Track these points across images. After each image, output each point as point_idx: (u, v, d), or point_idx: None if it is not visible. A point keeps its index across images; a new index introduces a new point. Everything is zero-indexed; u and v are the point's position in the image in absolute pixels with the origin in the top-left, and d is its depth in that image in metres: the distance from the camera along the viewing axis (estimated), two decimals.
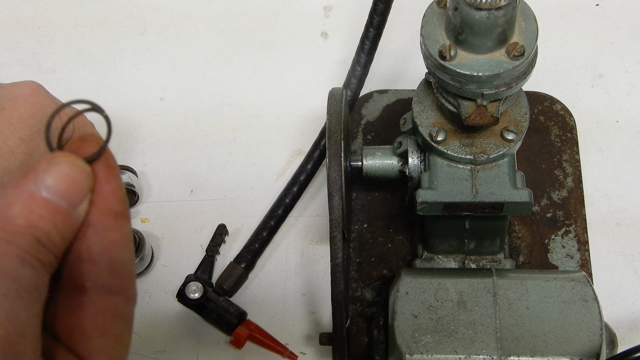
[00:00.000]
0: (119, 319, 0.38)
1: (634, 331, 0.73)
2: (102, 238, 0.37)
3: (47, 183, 0.35)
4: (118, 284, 0.37)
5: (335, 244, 0.64)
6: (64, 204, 0.35)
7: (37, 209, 0.34)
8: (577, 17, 0.91)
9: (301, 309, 0.76)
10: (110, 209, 0.37)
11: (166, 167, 0.83)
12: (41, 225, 0.34)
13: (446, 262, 0.71)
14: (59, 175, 0.35)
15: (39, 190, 0.35)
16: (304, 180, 0.79)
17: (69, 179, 0.35)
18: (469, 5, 0.54)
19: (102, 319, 0.37)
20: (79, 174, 0.36)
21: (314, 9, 0.93)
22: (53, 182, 0.35)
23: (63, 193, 0.35)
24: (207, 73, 0.89)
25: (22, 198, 0.35)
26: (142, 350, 0.74)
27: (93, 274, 0.37)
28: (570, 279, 0.64)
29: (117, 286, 0.37)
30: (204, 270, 0.76)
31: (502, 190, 0.63)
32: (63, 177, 0.35)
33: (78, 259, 0.37)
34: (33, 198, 0.35)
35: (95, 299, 0.37)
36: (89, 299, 0.37)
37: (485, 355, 0.60)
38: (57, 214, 0.35)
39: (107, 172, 0.37)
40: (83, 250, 0.37)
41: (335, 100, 0.67)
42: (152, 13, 0.93)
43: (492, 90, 0.59)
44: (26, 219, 0.34)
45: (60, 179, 0.35)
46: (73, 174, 0.35)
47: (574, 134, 0.82)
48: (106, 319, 0.37)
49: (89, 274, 0.37)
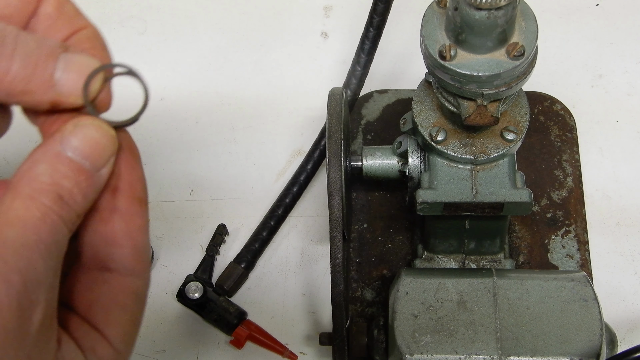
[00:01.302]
0: (137, 298, 0.40)
1: (634, 331, 0.73)
2: (128, 223, 0.39)
3: (73, 144, 0.37)
4: (140, 266, 0.40)
5: (335, 244, 0.64)
6: (87, 164, 0.37)
7: (61, 167, 0.36)
8: (577, 17, 0.91)
9: (301, 309, 0.76)
10: (135, 195, 0.39)
11: (166, 167, 0.83)
12: (64, 184, 0.36)
13: (446, 262, 0.71)
14: (84, 137, 0.37)
15: (65, 151, 0.37)
16: (304, 180, 0.79)
17: (93, 142, 0.37)
18: (469, 5, 0.54)
19: (123, 296, 0.39)
20: (104, 138, 0.38)
21: (314, 9, 0.93)
22: (78, 143, 0.37)
23: (87, 154, 0.37)
24: (207, 73, 0.89)
25: (47, 157, 0.37)
26: (142, 350, 0.74)
27: (117, 256, 0.39)
28: (570, 279, 0.64)
29: (138, 269, 0.39)
30: (204, 270, 0.76)
31: (502, 190, 0.63)
32: (88, 139, 0.37)
33: (104, 241, 0.39)
34: (58, 157, 0.37)
35: (119, 278, 0.39)
36: (113, 277, 0.39)
37: (485, 355, 0.60)
38: (81, 174, 0.37)
39: (133, 160, 0.40)
40: (109, 233, 0.39)
41: (335, 100, 0.67)
42: (152, 13, 0.93)
43: (492, 90, 0.59)
44: (50, 176, 0.36)
45: (85, 141, 0.37)
46: (98, 137, 0.38)
47: (574, 134, 0.82)
48: (127, 296, 0.39)
49: (113, 256, 0.39)
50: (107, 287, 0.39)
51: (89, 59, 0.40)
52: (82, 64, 0.39)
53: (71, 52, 0.39)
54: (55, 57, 0.38)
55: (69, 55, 0.39)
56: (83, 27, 0.42)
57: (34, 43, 0.38)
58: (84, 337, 0.38)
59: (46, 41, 0.38)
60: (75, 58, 0.39)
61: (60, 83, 0.38)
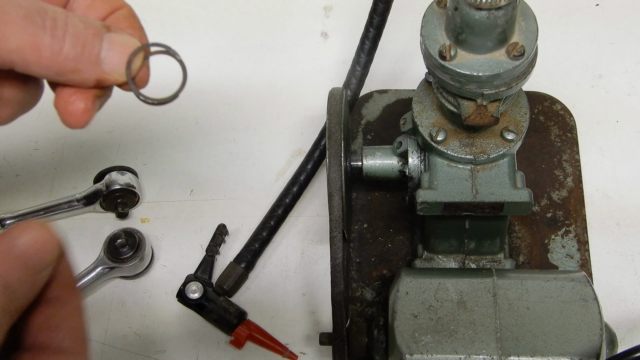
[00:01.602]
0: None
1: (634, 331, 0.73)
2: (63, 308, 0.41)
3: (20, 242, 0.38)
4: (78, 346, 0.41)
5: (335, 244, 0.64)
6: (32, 264, 0.38)
7: (8, 262, 0.38)
8: (577, 17, 0.91)
9: (301, 309, 0.76)
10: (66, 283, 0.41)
11: (166, 167, 0.83)
12: (10, 278, 0.37)
13: (446, 262, 0.71)
14: (32, 237, 0.39)
15: (12, 248, 0.38)
16: (304, 180, 0.79)
17: (40, 243, 0.39)
18: (469, 5, 0.54)
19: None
20: (49, 241, 0.39)
21: (314, 9, 0.93)
22: (25, 242, 0.38)
23: (33, 255, 0.38)
24: (207, 73, 0.89)
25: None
26: (142, 350, 0.74)
27: (56, 338, 0.40)
28: (570, 279, 0.64)
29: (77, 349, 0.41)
30: (204, 270, 0.76)
31: (502, 190, 0.63)
32: (35, 240, 0.39)
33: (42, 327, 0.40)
34: (7, 253, 0.38)
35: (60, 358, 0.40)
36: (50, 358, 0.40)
37: (485, 355, 0.60)
38: (26, 272, 0.38)
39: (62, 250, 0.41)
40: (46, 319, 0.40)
41: (335, 100, 0.67)
42: (152, 13, 0.93)
43: (492, 90, 0.59)
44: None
45: (32, 241, 0.39)
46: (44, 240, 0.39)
47: (574, 134, 0.82)
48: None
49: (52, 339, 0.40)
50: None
51: (130, 38, 0.42)
52: (125, 43, 0.41)
53: (114, 32, 0.41)
54: (101, 36, 0.40)
55: (112, 35, 0.41)
56: (120, 7, 0.44)
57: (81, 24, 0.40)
58: None
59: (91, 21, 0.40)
60: (118, 37, 0.41)
61: (105, 61, 0.41)
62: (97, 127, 0.85)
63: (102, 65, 0.41)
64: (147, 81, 0.44)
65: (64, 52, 0.39)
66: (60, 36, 0.39)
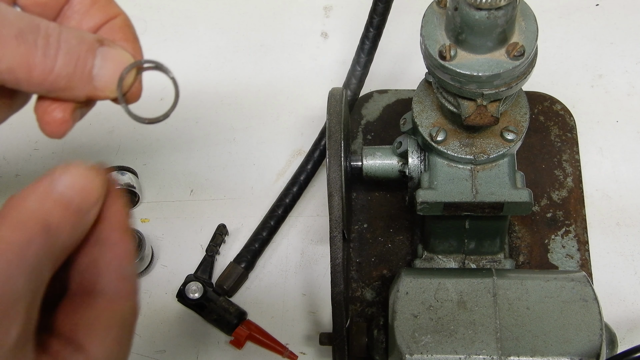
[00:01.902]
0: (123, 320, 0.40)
1: (634, 331, 0.73)
2: (111, 251, 0.40)
3: (62, 183, 0.38)
4: (125, 289, 0.40)
5: (335, 244, 0.64)
6: (75, 205, 0.38)
7: (50, 203, 0.37)
8: (577, 17, 0.91)
9: (301, 309, 0.76)
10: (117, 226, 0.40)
11: (166, 167, 0.83)
12: (51, 219, 0.37)
13: (446, 262, 0.71)
14: (73, 178, 0.38)
15: (53, 189, 0.37)
16: (304, 180, 0.79)
17: (82, 184, 0.38)
18: (469, 5, 0.54)
19: (107, 316, 0.39)
20: (93, 181, 0.39)
21: (314, 9, 0.93)
22: (67, 183, 0.38)
23: (75, 195, 0.38)
24: (207, 73, 0.89)
25: (37, 193, 0.37)
26: (142, 350, 0.74)
27: (103, 281, 0.39)
28: (570, 279, 0.64)
29: (124, 291, 0.40)
30: (204, 270, 0.76)
31: (502, 190, 0.63)
32: (77, 181, 0.38)
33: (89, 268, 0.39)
34: (47, 195, 0.37)
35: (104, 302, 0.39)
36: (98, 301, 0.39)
37: (485, 355, 0.60)
38: (68, 212, 0.37)
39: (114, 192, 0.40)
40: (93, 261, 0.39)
41: (335, 100, 0.67)
42: (152, 13, 0.93)
43: (492, 90, 0.59)
44: (39, 208, 0.37)
45: (74, 182, 0.38)
46: (84, 182, 0.38)
47: (574, 134, 0.82)
48: (112, 316, 0.39)
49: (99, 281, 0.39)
50: (92, 309, 0.39)
51: (123, 53, 0.41)
52: (118, 58, 0.41)
53: (107, 46, 0.40)
54: (94, 52, 0.40)
55: (105, 50, 0.40)
56: (115, 15, 0.43)
57: (74, 40, 0.39)
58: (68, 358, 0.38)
59: (85, 36, 0.40)
60: (111, 53, 0.40)
61: (97, 78, 0.40)
62: (97, 127, 0.85)
63: (94, 82, 0.40)
64: (139, 96, 0.43)
65: (56, 71, 0.38)
66: (52, 55, 0.38)
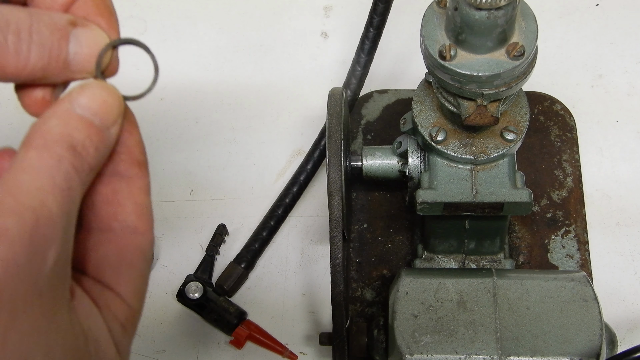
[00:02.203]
0: (143, 255, 0.41)
1: (634, 331, 0.73)
2: (129, 184, 0.40)
3: (82, 102, 0.38)
4: (143, 225, 0.40)
5: (335, 244, 0.64)
6: (97, 121, 0.38)
7: (72, 122, 0.37)
8: (577, 17, 0.91)
9: (301, 309, 0.76)
10: (135, 158, 0.40)
11: (166, 167, 0.83)
12: (76, 135, 0.37)
13: (446, 262, 0.71)
14: (92, 95, 0.38)
15: (74, 109, 0.37)
16: (304, 180, 0.79)
17: (101, 100, 0.38)
18: (469, 5, 0.54)
19: (129, 253, 0.40)
20: (111, 97, 0.39)
21: (314, 9, 0.93)
22: (87, 101, 0.38)
23: (96, 112, 0.38)
24: (207, 73, 0.89)
25: (58, 114, 0.37)
26: (142, 350, 0.74)
27: (120, 215, 0.40)
28: (570, 279, 0.64)
29: (142, 227, 0.40)
30: (204, 270, 0.76)
31: (502, 190, 0.63)
32: (96, 97, 0.38)
33: (106, 203, 0.40)
34: (69, 114, 0.37)
35: (123, 237, 0.40)
36: (117, 237, 0.40)
37: (485, 355, 0.60)
38: (91, 129, 0.37)
39: (131, 126, 0.40)
40: (111, 195, 0.40)
41: (335, 100, 0.67)
42: (152, 13, 0.93)
43: (492, 90, 0.59)
44: (62, 129, 0.37)
45: (93, 99, 0.38)
46: (105, 96, 0.38)
47: (574, 134, 0.82)
48: (133, 253, 0.40)
49: (116, 216, 0.40)
50: (113, 246, 0.40)
51: (97, 33, 0.40)
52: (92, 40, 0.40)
53: (80, 27, 0.40)
54: (67, 37, 0.39)
55: (79, 32, 0.40)
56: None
57: (46, 30, 0.38)
58: (98, 295, 0.39)
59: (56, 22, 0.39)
60: (85, 34, 0.40)
61: (73, 63, 0.39)
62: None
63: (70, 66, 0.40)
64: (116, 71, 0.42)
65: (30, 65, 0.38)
66: (24, 50, 0.38)
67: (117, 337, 0.39)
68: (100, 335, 0.38)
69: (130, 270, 0.40)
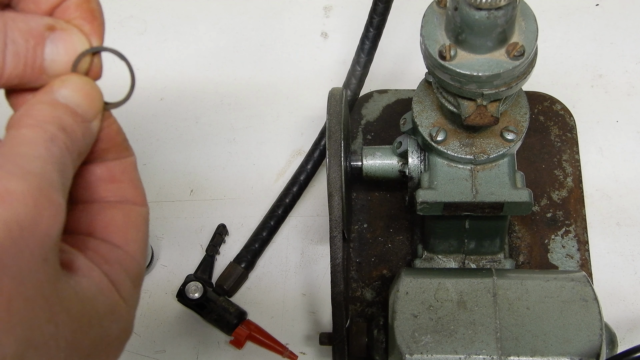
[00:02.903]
0: (145, 221, 0.42)
1: (634, 331, 0.73)
2: (120, 163, 0.41)
3: (64, 93, 0.38)
4: (140, 197, 0.42)
5: (335, 244, 0.64)
6: (81, 113, 0.38)
7: (59, 108, 0.37)
8: (577, 17, 0.91)
9: (301, 309, 0.76)
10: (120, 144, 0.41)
11: (166, 167, 0.83)
12: (65, 119, 0.37)
13: (446, 262, 0.71)
14: (74, 87, 0.38)
15: (57, 98, 0.38)
16: (304, 180, 0.79)
17: (84, 92, 0.39)
18: (469, 5, 0.54)
19: (134, 217, 0.41)
20: (93, 90, 0.39)
21: (314, 9, 0.93)
22: (69, 92, 0.38)
23: (79, 103, 0.38)
24: (207, 73, 0.89)
25: (43, 100, 0.37)
26: (142, 350, 0.74)
27: (119, 190, 0.41)
28: (570, 279, 0.64)
29: (139, 199, 0.42)
30: (204, 270, 0.76)
31: (502, 190, 0.63)
32: (78, 89, 0.38)
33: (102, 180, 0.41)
34: (54, 101, 0.37)
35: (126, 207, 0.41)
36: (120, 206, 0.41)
37: (485, 355, 0.60)
38: (77, 116, 0.38)
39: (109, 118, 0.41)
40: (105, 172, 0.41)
41: (335, 100, 0.67)
42: (152, 13, 0.93)
43: (492, 90, 0.59)
44: (51, 111, 0.37)
45: (75, 91, 0.38)
46: (86, 88, 0.39)
47: (574, 134, 0.82)
48: (137, 217, 0.42)
49: (115, 191, 0.41)
50: (119, 211, 0.41)
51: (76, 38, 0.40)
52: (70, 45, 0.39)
53: (59, 31, 0.39)
54: (43, 43, 0.39)
55: (57, 36, 0.39)
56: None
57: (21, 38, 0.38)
58: (108, 253, 0.40)
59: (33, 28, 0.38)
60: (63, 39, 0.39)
61: (50, 69, 0.39)
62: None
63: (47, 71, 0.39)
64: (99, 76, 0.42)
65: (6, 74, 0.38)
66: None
67: (127, 292, 0.40)
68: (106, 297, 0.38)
69: (137, 232, 0.41)
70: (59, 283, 0.35)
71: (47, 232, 0.34)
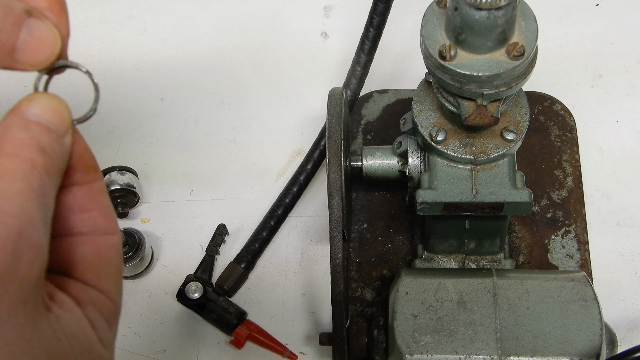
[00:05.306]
0: (117, 252, 0.41)
1: (634, 331, 0.73)
2: (90, 190, 0.40)
3: (34, 112, 0.38)
4: (110, 225, 0.41)
5: (335, 244, 0.64)
6: (53, 129, 0.38)
7: (34, 127, 0.37)
8: (577, 17, 0.91)
9: (301, 309, 0.76)
10: (87, 165, 0.40)
11: (166, 167, 0.83)
12: (42, 138, 0.37)
13: (446, 262, 0.71)
14: (42, 105, 0.38)
15: (29, 117, 0.37)
16: (304, 180, 0.79)
17: (52, 109, 0.38)
18: (469, 5, 0.54)
19: (106, 252, 0.41)
20: (61, 105, 0.39)
21: (314, 9, 0.93)
22: (39, 110, 0.38)
23: (50, 120, 0.38)
24: (207, 73, 0.89)
25: (16, 122, 0.37)
26: (142, 350, 0.74)
27: (88, 219, 0.40)
28: (570, 279, 0.64)
29: (110, 227, 0.41)
30: (204, 270, 0.76)
31: (502, 190, 0.63)
32: (47, 107, 0.38)
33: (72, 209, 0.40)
34: (26, 122, 0.37)
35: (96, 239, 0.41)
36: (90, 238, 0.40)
37: (485, 355, 0.60)
38: (52, 135, 0.38)
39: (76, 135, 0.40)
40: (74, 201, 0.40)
41: (335, 100, 0.67)
42: (152, 13, 0.93)
43: (492, 90, 0.59)
44: (27, 133, 0.37)
45: (45, 109, 0.38)
46: (54, 104, 0.39)
47: (574, 134, 0.82)
48: (109, 252, 0.41)
49: (85, 221, 0.40)
50: (89, 247, 0.40)
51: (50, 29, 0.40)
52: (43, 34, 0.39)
53: (35, 18, 0.39)
54: (20, 25, 0.38)
55: (32, 23, 0.39)
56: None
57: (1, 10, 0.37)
58: (82, 293, 0.39)
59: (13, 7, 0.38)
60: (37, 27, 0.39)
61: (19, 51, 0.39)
62: (97, 127, 0.85)
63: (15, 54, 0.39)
64: None
65: None
66: None
67: (102, 332, 0.39)
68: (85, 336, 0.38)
69: (109, 267, 0.41)
70: (39, 324, 0.35)
71: (26, 276, 0.34)
